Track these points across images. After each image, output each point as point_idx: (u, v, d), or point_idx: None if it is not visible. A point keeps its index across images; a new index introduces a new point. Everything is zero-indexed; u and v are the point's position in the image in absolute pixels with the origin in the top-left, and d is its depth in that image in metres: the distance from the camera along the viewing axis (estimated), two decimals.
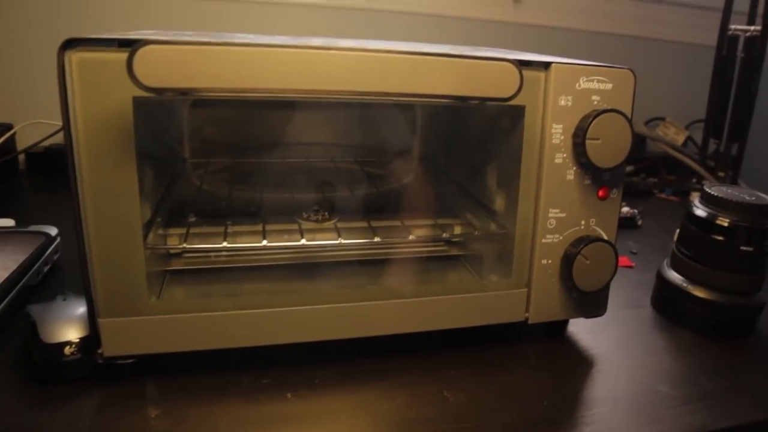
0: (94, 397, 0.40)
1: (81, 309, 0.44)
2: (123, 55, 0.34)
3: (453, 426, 0.39)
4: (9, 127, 0.88)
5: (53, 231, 0.59)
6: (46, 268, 0.55)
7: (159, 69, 0.31)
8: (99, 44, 0.35)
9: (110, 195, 0.37)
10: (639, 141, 1.03)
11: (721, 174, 0.96)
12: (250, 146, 0.60)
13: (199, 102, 0.57)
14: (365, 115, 0.64)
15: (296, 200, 0.54)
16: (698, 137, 1.05)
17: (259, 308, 0.42)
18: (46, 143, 0.90)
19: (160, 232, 0.48)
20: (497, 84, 0.39)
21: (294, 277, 0.48)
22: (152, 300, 0.39)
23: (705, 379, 0.47)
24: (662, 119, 1.10)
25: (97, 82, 0.35)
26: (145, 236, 0.41)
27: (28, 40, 0.90)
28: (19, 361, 0.43)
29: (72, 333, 0.42)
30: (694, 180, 1.00)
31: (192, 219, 0.49)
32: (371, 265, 0.51)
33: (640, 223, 0.82)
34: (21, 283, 0.50)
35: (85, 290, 0.39)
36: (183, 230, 0.47)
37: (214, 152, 0.60)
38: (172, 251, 0.49)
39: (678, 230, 0.58)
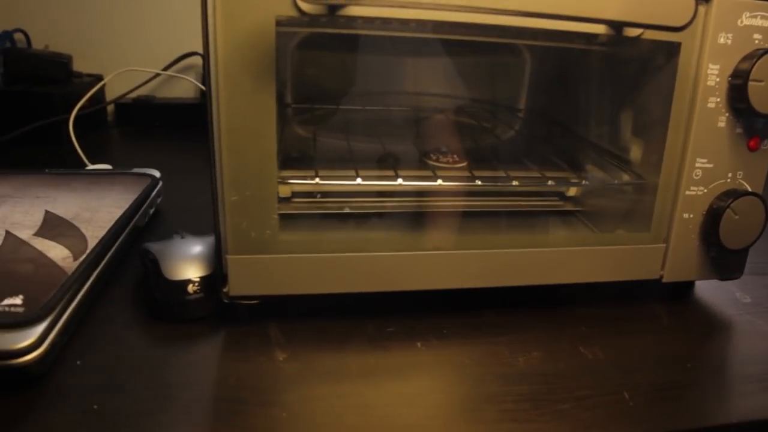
0: (218, 338, 0.39)
1: (200, 247, 0.43)
2: None
3: (597, 383, 0.37)
4: (99, 77, 0.88)
5: (156, 173, 0.58)
6: (151, 210, 0.55)
7: None
8: None
9: (248, 125, 0.35)
10: None
11: None
12: (355, 93, 0.58)
13: (305, 43, 0.54)
14: (478, 63, 0.60)
15: (416, 147, 0.52)
16: None
17: (387, 251, 0.40)
18: (133, 94, 0.90)
19: (279, 174, 0.46)
20: (669, 11, 0.35)
21: (416, 227, 0.46)
22: (281, 239, 0.38)
23: None
24: None
25: (239, 1, 0.33)
26: None
27: None
28: (138, 298, 0.43)
29: (194, 271, 0.41)
30: None
31: (309, 164, 0.47)
32: (497, 216, 0.49)
33: None
34: (132, 223, 0.49)
35: (214, 225, 0.38)
36: (306, 172, 0.45)
37: (319, 99, 0.58)
38: (282, 194, 0.47)
39: None
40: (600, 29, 0.37)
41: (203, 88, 0.88)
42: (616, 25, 0.35)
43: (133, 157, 0.77)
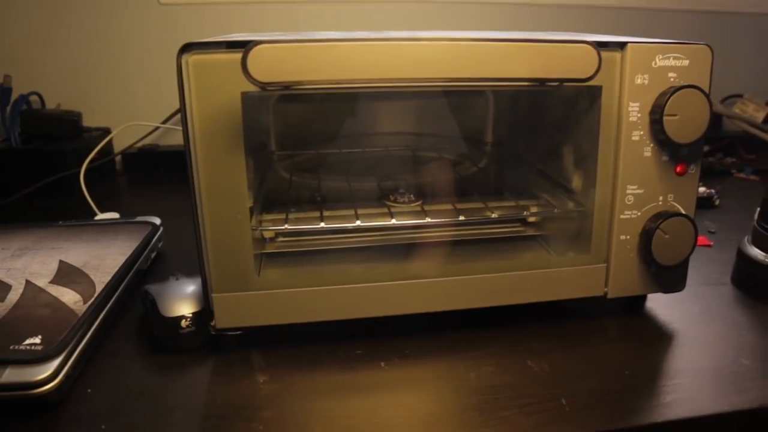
0: (208, 365, 0.45)
1: (192, 287, 0.48)
2: (232, 56, 0.38)
3: (539, 392, 0.41)
4: (107, 131, 0.96)
5: (157, 221, 0.64)
6: (153, 255, 0.61)
7: (268, 66, 0.35)
8: (210, 47, 0.39)
9: (222, 182, 0.41)
10: (714, 120, 1.00)
11: None
12: (330, 138, 0.64)
13: (284, 97, 0.61)
14: (440, 103, 0.66)
15: (380, 187, 0.58)
16: None
17: (353, 284, 0.45)
18: (139, 144, 0.97)
19: (259, 218, 0.52)
20: (576, 65, 0.40)
21: (382, 257, 0.51)
22: (258, 277, 0.44)
23: None
24: (740, 96, 1.07)
25: (210, 80, 0.39)
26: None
27: (123, 52, 0.98)
28: (140, 334, 0.49)
29: (186, 308, 0.46)
30: None
31: (286, 206, 0.53)
32: (454, 245, 0.54)
33: (717, 202, 0.81)
34: (135, 267, 0.55)
35: (200, 269, 0.44)
36: (279, 216, 0.51)
37: (298, 144, 0.64)
38: (266, 235, 0.53)
39: (760, 207, 0.57)
40: (523, 83, 0.43)
41: None
42: (534, 80, 0.41)
43: (139, 202, 0.84)
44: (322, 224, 0.49)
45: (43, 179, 0.84)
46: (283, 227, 0.49)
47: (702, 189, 0.81)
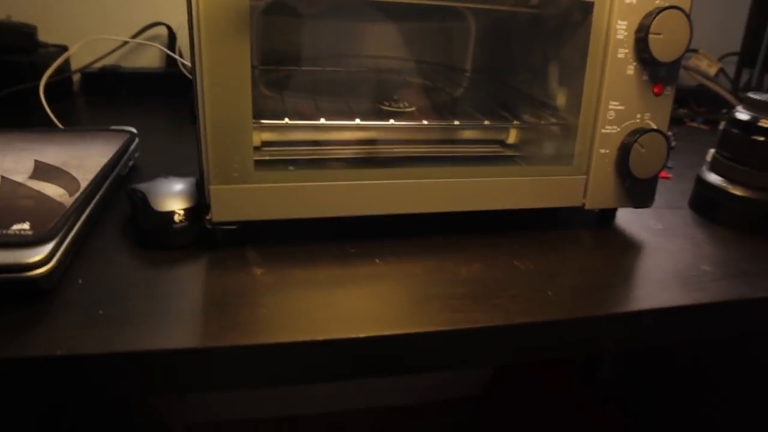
0: (201, 260, 0.45)
1: (181, 185, 0.48)
2: None
3: (526, 286, 0.44)
4: (64, 48, 0.91)
5: (133, 130, 0.63)
6: (130, 163, 0.60)
7: None
8: None
9: (225, 70, 0.41)
10: None
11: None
12: (315, 56, 0.63)
13: (271, 8, 0.60)
14: (425, 28, 0.66)
15: (374, 100, 0.58)
16: (730, 70, 1.07)
17: (346, 181, 0.46)
18: (98, 64, 0.93)
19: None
20: None
21: (372, 165, 0.52)
22: (255, 172, 0.44)
23: (744, 263, 0.52)
24: (695, 51, 1.13)
25: None
26: None
27: None
28: (125, 233, 0.48)
29: (178, 204, 0.46)
30: (724, 111, 1.03)
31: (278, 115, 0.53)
32: (442, 160, 0.55)
33: (673, 144, 0.86)
34: (116, 170, 0.54)
35: (198, 159, 0.43)
36: (276, 120, 0.51)
37: (281, 61, 0.63)
38: (264, 138, 0.53)
39: (720, 135, 0.61)
40: None
41: (173, 55, 0.92)
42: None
43: (104, 122, 0.81)
44: (323, 120, 0.49)
45: None
46: (282, 121, 0.48)
47: None
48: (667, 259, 0.51)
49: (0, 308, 0.37)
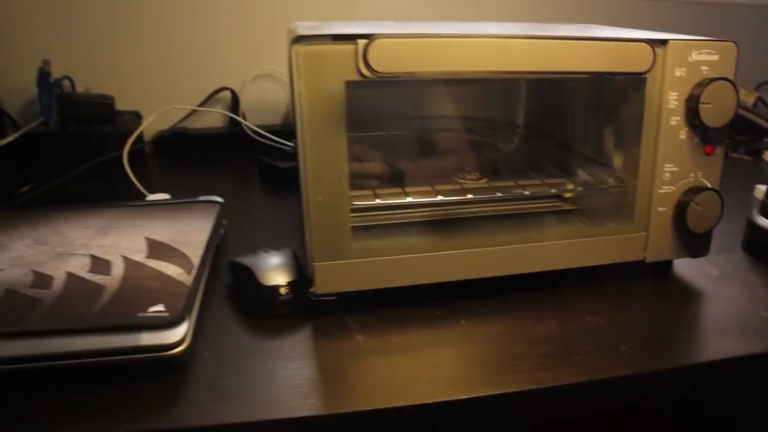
0: (307, 329, 0.50)
1: (282, 259, 0.54)
2: (338, 47, 0.43)
3: (600, 341, 0.49)
4: (137, 114, 0.99)
5: (220, 200, 0.69)
6: (222, 231, 0.66)
7: (386, 57, 0.40)
8: (317, 39, 0.44)
9: (326, 160, 0.47)
10: None
11: None
12: (375, 119, 0.69)
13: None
14: (489, 90, 0.72)
15: (446, 167, 0.64)
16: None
17: (428, 252, 0.51)
18: (166, 127, 1.01)
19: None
20: (635, 61, 0.47)
21: (450, 230, 0.58)
22: (353, 246, 0.49)
23: None
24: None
25: (318, 69, 0.45)
26: None
27: (150, 37, 1.01)
28: (232, 304, 0.54)
29: (282, 277, 0.52)
30: (766, 140, 1.07)
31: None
32: (510, 218, 0.60)
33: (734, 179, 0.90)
34: (215, 243, 0.60)
35: (304, 239, 0.49)
36: (366, 192, 0.57)
37: (361, 127, 0.69)
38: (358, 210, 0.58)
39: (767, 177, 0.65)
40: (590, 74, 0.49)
41: (237, 118, 0.99)
42: (602, 73, 0.47)
43: (179, 184, 0.88)
44: (409, 199, 0.55)
45: (82, 163, 0.86)
46: (374, 202, 0.54)
47: None
48: (726, 307, 0.55)
49: (144, 384, 0.43)
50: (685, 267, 0.62)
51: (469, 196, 0.56)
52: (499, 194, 0.58)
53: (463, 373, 0.44)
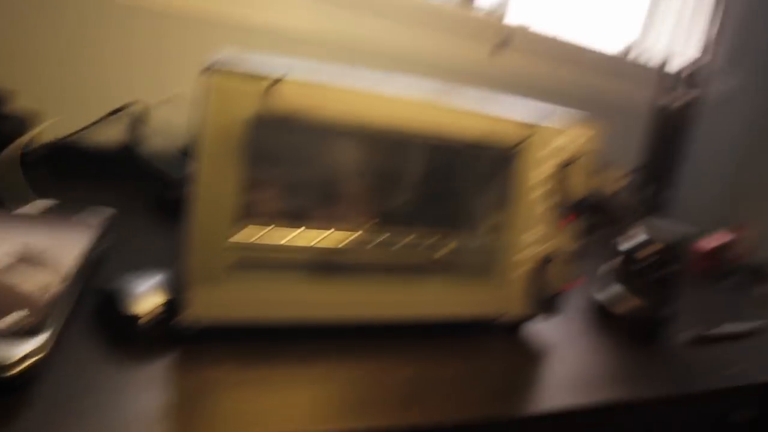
0: (172, 357, 0.50)
1: (152, 284, 0.54)
2: (246, 82, 0.47)
3: (453, 386, 0.53)
4: (30, 120, 0.95)
5: (110, 211, 0.68)
6: (104, 246, 0.65)
7: (289, 98, 0.44)
8: (228, 73, 0.47)
9: (217, 190, 0.48)
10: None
11: (650, 214, 1.15)
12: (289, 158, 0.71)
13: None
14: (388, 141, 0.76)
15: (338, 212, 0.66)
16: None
17: (305, 291, 0.54)
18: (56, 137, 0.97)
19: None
20: (506, 137, 0.53)
21: (329, 272, 0.60)
22: (230, 277, 0.51)
23: (625, 370, 0.63)
24: (606, 167, 1.30)
25: (224, 101, 0.47)
26: None
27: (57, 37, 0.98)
28: (98, 326, 0.53)
29: (150, 303, 0.52)
30: (632, 219, 1.20)
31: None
32: (388, 267, 0.64)
33: (586, 253, 0.99)
34: (91, 257, 0.59)
35: (180, 262, 0.50)
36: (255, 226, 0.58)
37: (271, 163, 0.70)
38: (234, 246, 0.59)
39: (612, 259, 0.74)
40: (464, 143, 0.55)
41: (138, 135, 0.98)
42: (473, 144, 0.53)
43: (68, 197, 0.85)
44: (293, 237, 0.57)
45: None
46: (259, 235, 0.56)
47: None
48: (569, 364, 0.61)
49: None
50: (537, 326, 0.69)
51: (353, 242, 0.59)
52: (381, 243, 0.61)
53: (321, 410, 0.47)
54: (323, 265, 0.62)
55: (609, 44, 1.39)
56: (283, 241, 0.57)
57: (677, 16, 1.24)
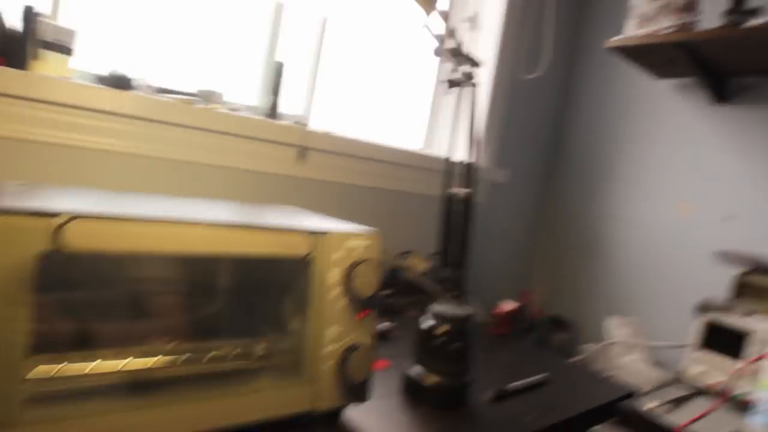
0: None
1: None
2: (32, 221, 0.48)
3: None
4: None
5: None
6: None
7: (81, 236, 0.46)
8: (13, 212, 0.48)
9: (3, 329, 0.48)
10: (395, 270, 1.33)
11: (449, 293, 1.29)
12: (89, 280, 0.71)
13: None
14: (187, 271, 0.79)
15: (146, 330, 0.67)
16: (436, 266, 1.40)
17: (116, 414, 0.54)
18: None
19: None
20: (297, 247, 0.60)
21: (141, 391, 0.60)
22: (27, 415, 0.49)
23: None
24: (410, 252, 1.44)
25: (9, 240, 0.48)
26: None
27: None
28: None
29: None
30: (432, 300, 1.33)
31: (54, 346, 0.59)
32: (201, 378, 0.66)
33: (395, 334, 1.09)
34: None
35: None
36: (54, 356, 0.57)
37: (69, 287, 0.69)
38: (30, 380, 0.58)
39: (414, 336, 0.83)
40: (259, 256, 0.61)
41: None
42: (267, 256, 0.59)
43: None
44: (98, 363, 0.57)
45: None
46: (59, 367, 0.55)
47: (386, 323, 1.07)
48: None
49: None
50: (357, 410, 0.74)
51: (160, 358, 0.60)
52: (191, 356, 0.63)
53: None
54: (136, 386, 0.62)
55: (407, 142, 1.59)
56: (87, 370, 0.57)
57: (451, 123, 1.45)
